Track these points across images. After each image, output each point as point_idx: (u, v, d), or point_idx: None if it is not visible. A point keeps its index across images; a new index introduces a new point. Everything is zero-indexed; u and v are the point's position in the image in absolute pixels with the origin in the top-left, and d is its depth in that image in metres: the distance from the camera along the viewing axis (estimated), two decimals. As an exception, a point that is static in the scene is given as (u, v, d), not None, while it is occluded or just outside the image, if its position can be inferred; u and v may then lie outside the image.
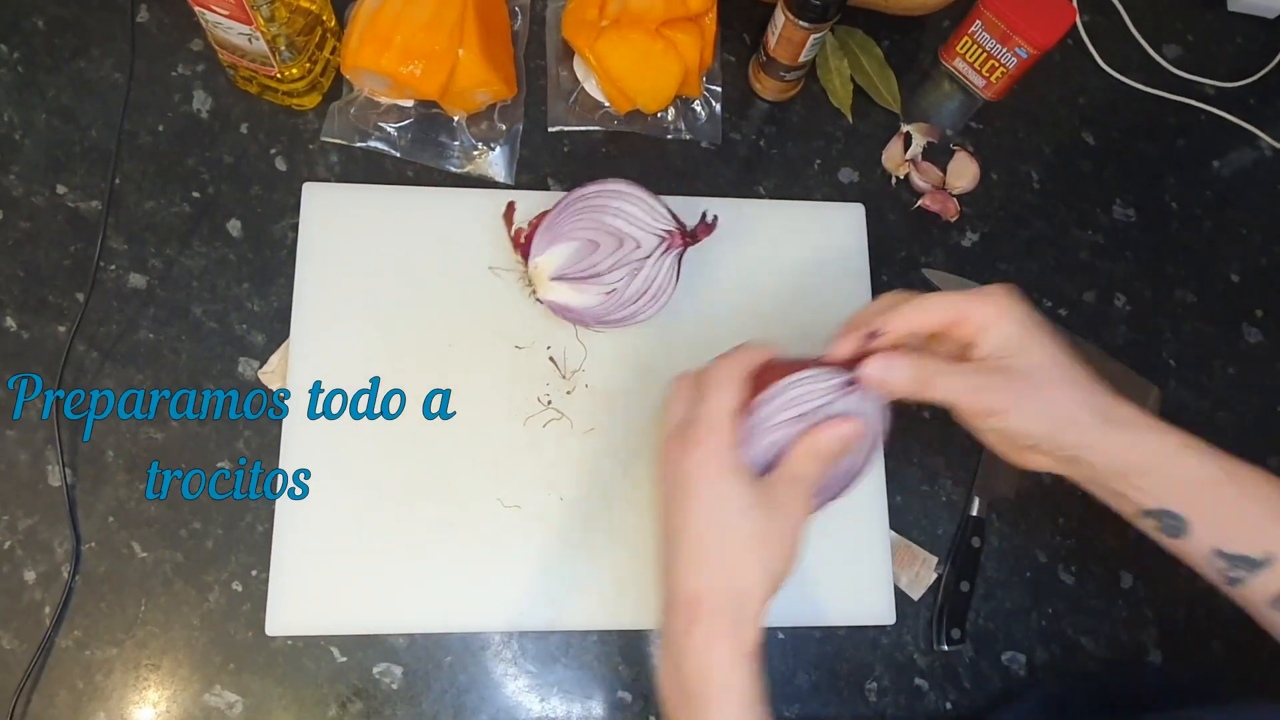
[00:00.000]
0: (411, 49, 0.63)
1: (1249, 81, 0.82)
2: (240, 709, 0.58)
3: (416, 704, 0.60)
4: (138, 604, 0.59)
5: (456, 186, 0.69)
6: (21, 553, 0.59)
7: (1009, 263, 0.74)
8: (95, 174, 0.66)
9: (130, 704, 0.58)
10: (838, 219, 0.72)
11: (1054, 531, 0.68)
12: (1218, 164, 0.80)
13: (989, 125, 0.77)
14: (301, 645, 0.60)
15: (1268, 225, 0.78)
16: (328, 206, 0.66)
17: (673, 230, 0.63)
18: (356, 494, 0.61)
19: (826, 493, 0.52)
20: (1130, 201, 0.77)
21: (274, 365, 0.64)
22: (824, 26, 0.65)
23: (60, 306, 0.63)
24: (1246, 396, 0.74)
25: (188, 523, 0.61)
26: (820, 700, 0.63)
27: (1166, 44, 0.82)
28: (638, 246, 0.62)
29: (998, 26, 0.71)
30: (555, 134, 0.71)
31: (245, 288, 0.65)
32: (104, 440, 0.61)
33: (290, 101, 0.68)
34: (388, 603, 0.60)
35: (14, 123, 0.66)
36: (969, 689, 0.65)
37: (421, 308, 0.65)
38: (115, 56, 0.68)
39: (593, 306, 0.62)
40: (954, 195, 0.74)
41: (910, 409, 0.69)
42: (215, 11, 0.59)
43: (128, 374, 0.63)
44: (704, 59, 0.69)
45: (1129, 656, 0.67)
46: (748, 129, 0.74)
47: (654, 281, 0.63)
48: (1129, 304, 0.74)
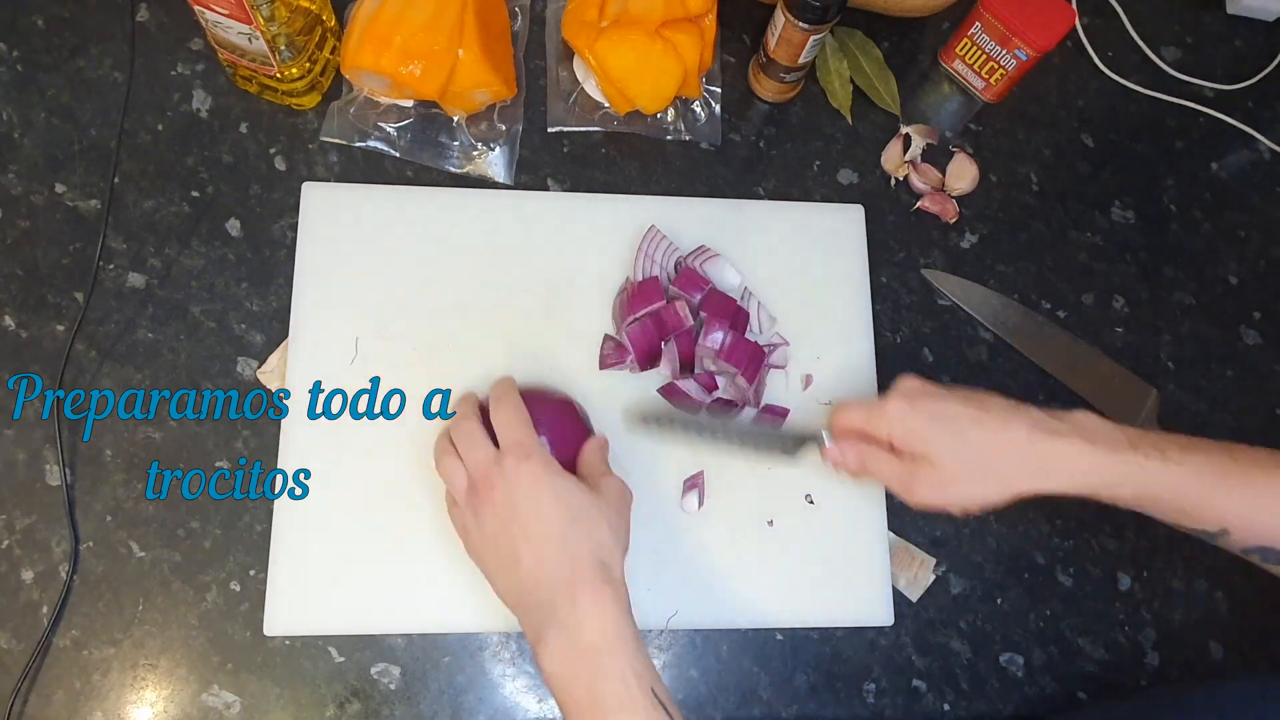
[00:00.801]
0: (411, 49, 0.63)
1: (1248, 84, 0.82)
2: (238, 709, 0.58)
3: (415, 704, 0.60)
4: (135, 604, 0.59)
5: (456, 186, 0.69)
6: (20, 552, 0.59)
7: (1007, 264, 0.74)
8: (95, 173, 0.66)
9: (127, 704, 0.57)
10: (837, 220, 0.72)
11: (1052, 533, 0.68)
12: (1216, 166, 0.80)
13: (988, 127, 0.77)
14: (299, 645, 0.60)
15: (1266, 227, 0.78)
16: (327, 206, 0.66)
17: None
18: (356, 494, 0.61)
19: None
20: (1129, 203, 0.77)
21: (273, 365, 0.64)
22: (824, 28, 0.65)
23: (59, 306, 0.63)
24: (1245, 399, 0.74)
25: (186, 522, 0.61)
26: (818, 701, 0.63)
27: (1165, 46, 0.82)
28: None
29: (997, 28, 0.71)
30: (555, 134, 0.71)
31: (244, 287, 0.65)
32: (103, 440, 0.61)
33: (290, 101, 0.68)
34: (386, 603, 0.60)
35: (13, 121, 0.66)
36: (966, 690, 0.65)
37: (421, 308, 0.65)
38: (115, 55, 0.68)
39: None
40: (953, 197, 0.74)
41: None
42: (215, 11, 0.59)
43: (127, 374, 0.63)
44: (704, 60, 0.69)
45: (1126, 658, 0.67)
46: (747, 130, 0.74)
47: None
48: (1127, 306, 0.75)
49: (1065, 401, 0.71)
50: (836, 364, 0.68)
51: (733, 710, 0.62)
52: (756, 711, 0.62)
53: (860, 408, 0.57)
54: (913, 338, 0.71)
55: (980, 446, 0.53)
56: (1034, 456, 0.52)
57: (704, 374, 0.65)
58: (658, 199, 0.70)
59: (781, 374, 0.67)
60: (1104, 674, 0.66)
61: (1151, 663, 0.67)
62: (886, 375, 0.69)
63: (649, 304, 0.63)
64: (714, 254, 0.67)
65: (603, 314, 0.67)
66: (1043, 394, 0.71)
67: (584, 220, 0.69)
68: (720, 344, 0.63)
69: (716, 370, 0.65)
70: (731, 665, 0.63)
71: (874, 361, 0.69)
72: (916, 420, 0.54)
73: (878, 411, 0.55)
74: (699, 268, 0.66)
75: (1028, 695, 0.65)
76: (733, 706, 0.62)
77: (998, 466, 0.53)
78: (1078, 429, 0.53)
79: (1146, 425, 0.69)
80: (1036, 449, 0.52)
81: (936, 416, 0.53)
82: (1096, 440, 0.52)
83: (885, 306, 0.71)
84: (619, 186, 0.71)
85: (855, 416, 0.56)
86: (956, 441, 0.53)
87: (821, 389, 0.68)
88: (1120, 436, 0.53)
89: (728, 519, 0.64)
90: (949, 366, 0.71)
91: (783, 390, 0.67)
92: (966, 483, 0.53)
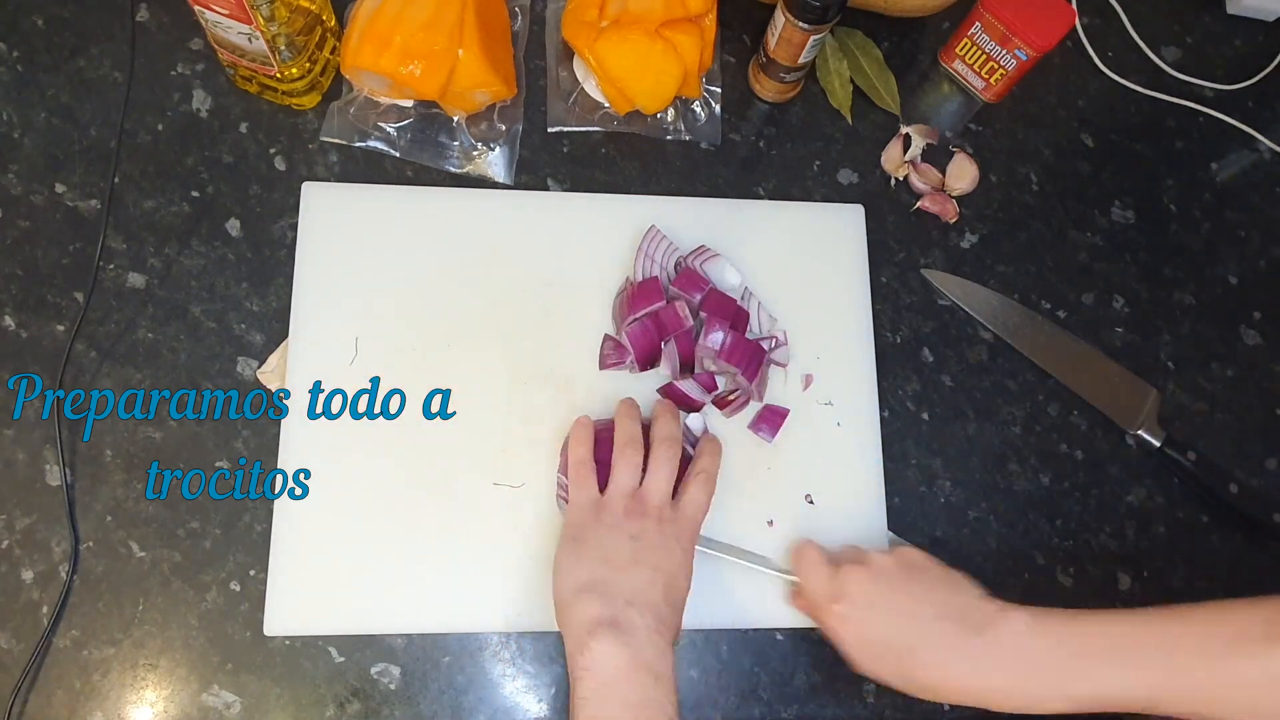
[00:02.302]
0: (411, 49, 0.63)
1: (1248, 84, 0.82)
2: (238, 709, 0.58)
3: (414, 704, 0.60)
4: (135, 604, 0.59)
5: (456, 186, 0.69)
6: (19, 552, 0.59)
7: (1007, 264, 0.74)
8: (94, 173, 0.66)
9: (127, 704, 0.57)
10: (837, 220, 0.72)
11: (1052, 533, 0.68)
12: (1216, 166, 0.80)
13: (988, 127, 0.77)
14: (299, 645, 0.60)
15: (1266, 227, 0.78)
16: (327, 206, 0.66)
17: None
18: (356, 494, 0.61)
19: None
20: (1129, 203, 0.77)
21: (273, 365, 0.64)
22: (824, 28, 0.65)
23: (59, 306, 0.63)
24: (1245, 399, 0.74)
25: (186, 522, 0.61)
26: (818, 701, 0.63)
27: (1165, 46, 0.82)
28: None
29: (997, 28, 0.71)
30: (555, 134, 0.71)
31: (244, 287, 0.65)
32: (103, 440, 0.61)
33: (290, 101, 0.68)
34: (386, 603, 0.60)
35: (13, 121, 0.66)
36: (967, 690, 0.65)
37: (421, 308, 0.65)
38: (115, 55, 0.68)
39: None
40: (953, 197, 0.74)
41: (909, 409, 0.69)
42: (215, 11, 0.59)
43: (127, 374, 0.63)
44: (704, 60, 0.69)
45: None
46: (747, 130, 0.74)
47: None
48: (1127, 306, 0.75)
49: (1065, 401, 0.71)
50: (836, 364, 0.68)
51: (733, 710, 0.62)
52: (756, 711, 0.62)
53: (813, 588, 0.59)
54: (913, 338, 0.71)
55: (904, 677, 0.55)
56: (958, 689, 0.54)
57: (704, 374, 0.65)
58: (658, 199, 0.71)
59: (781, 373, 0.67)
60: (1104, 674, 0.66)
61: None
62: (886, 375, 0.69)
63: (649, 304, 0.63)
64: (714, 254, 0.67)
65: (603, 314, 0.67)
66: (1043, 394, 0.71)
67: (584, 220, 0.69)
68: (720, 344, 0.63)
69: (717, 370, 0.65)
70: (731, 665, 0.63)
71: (874, 361, 0.69)
72: (847, 636, 0.57)
73: (821, 611, 0.58)
74: (699, 268, 0.66)
75: (1028, 695, 0.65)
76: (733, 706, 0.62)
77: (923, 690, 0.55)
78: (1002, 660, 0.53)
79: (1147, 425, 0.70)
80: (958, 684, 0.54)
81: (863, 647, 0.56)
82: (1025, 678, 0.53)
83: (885, 306, 0.71)
84: (619, 186, 0.71)
85: (805, 599, 0.60)
86: (881, 670, 0.56)
87: (821, 389, 0.68)
88: (1043, 661, 0.52)
89: (728, 519, 0.64)
90: (949, 366, 0.71)
91: (782, 390, 0.67)
92: (888, 676, 0.56)
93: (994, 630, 0.53)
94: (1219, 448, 0.72)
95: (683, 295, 0.65)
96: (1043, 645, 0.53)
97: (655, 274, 0.66)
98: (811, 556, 0.59)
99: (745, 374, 0.63)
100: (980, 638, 0.53)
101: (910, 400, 0.70)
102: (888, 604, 0.56)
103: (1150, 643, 0.52)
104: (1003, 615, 0.54)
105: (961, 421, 0.70)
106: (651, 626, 0.53)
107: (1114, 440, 0.71)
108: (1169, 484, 0.71)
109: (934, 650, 0.54)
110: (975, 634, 0.53)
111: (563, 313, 0.67)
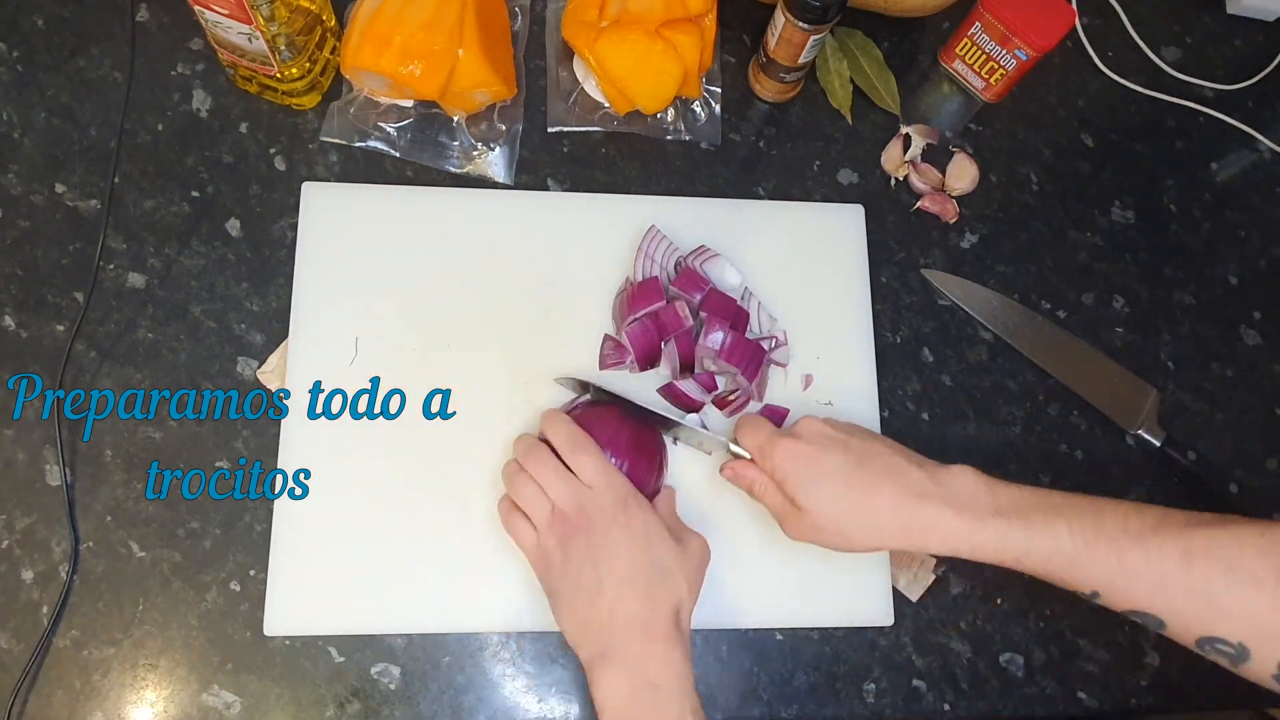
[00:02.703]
0: (411, 49, 0.63)
1: (1248, 84, 0.82)
2: (238, 709, 0.58)
3: (414, 704, 0.60)
4: (135, 604, 0.59)
5: (456, 186, 0.69)
6: (19, 552, 0.59)
7: (1007, 264, 0.74)
8: (94, 173, 0.66)
9: (127, 704, 0.57)
10: (837, 220, 0.72)
11: (1052, 533, 0.68)
12: (1216, 166, 0.80)
13: (988, 127, 0.77)
14: (299, 645, 0.60)
15: (1266, 228, 0.78)
16: (327, 206, 0.66)
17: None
18: (356, 494, 0.61)
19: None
20: (1129, 204, 0.77)
21: (273, 365, 0.64)
22: (824, 28, 0.65)
23: (59, 306, 0.63)
24: (1245, 399, 0.74)
25: (186, 522, 0.61)
26: (818, 701, 0.63)
27: (1165, 46, 0.82)
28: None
29: (997, 28, 0.71)
30: (555, 134, 0.71)
31: (244, 287, 0.65)
32: (103, 440, 0.61)
33: (290, 101, 0.68)
34: (386, 603, 0.60)
35: (13, 121, 0.66)
36: (966, 690, 0.65)
37: (421, 308, 0.65)
38: (115, 55, 0.68)
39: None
40: (953, 197, 0.74)
41: (909, 410, 0.69)
42: (215, 11, 0.59)
43: (127, 374, 0.63)
44: (704, 60, 0.69)
45: (1126, 658, 0.67)
46: (747, 130, 0.74)
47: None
48: (1127, 306, 0.75)
49: (1065, 401, 0.71)
50: (836, 364, 0.68)
51: (733, 710, 0.62)
52: (756, 711, 0.62)
53: (757, 433, 0.59)
54: (913, 338, 0.71)
55: (847, 505, 0.55)
56: (899, 520, 0.54)
57: (704, 374, 0.65)
58: (658, 199, 0.71)
59: (781, 373, 0.67)
60: (1104, 674, 0.66)
61: (1151, 662, 0.67)
62: (886, 375, 0.69)
63: (649, 304, 0.63)
64: (714, 254, 0.67)
65: (603, 314, 0.67)
66: (1043, 394, 0.71)
67: (584, 220, 0.69)
68: (720, 344, 0.63)
69: (717, 370, 0.65)
70: (731, 665, 0.63)
71: (874, 361, 0.69)
72: (795, 469, 0.56)
73: (767, 448, 0.58)
74: (699, 268, 0.66)
75: (1028, 695, 0.65)
76: (733, 706, 0.62)
77: (864, 525, 0.55)
78: (946, 496, 0.54)
79: (1147, 425, 0.70)
80: (900, 514, 0.54)
81: (813, 469, 0.56)
82: (963, 509, 0.53)
83: (885, 306, 0.71)
84: (619, 186, 0.71)
85: (750, 441, 0.59)
86: (827, 497, 0.55)
87: (821, 389, 0.68)
88: (988, 503, 0.53)
89: (728, 519, 0.64)
90: (949, 366, 0.71)
91: (782, 390, 0.67)
92: (833, 533, 0.56)
93: (947, 473, 0.55)
94: (1219, 448, 0.72)
95: (683, 295, 0.65)
96: (990, 492, 0.54)
97: (655, 274, 0.66)
98: (758, 419, 0.61)
99: (745, 374, 0.63)
100: (933, 480, 0.55)
101: (910, 400, 0.70)
102: (845, 442, 0.57)
103: (1083, 509, 0.52)
104: (951, 466, 0.56)
105: (961, 421, 0.70)
106: (637, 638, 0.53)
107: (1114, 440, 0.71)
108: (1169, 484, 0.71)
109: (896, 480, 0.55)
110: (930, 478, 0.55)
111: (563, 313, 0.67)
